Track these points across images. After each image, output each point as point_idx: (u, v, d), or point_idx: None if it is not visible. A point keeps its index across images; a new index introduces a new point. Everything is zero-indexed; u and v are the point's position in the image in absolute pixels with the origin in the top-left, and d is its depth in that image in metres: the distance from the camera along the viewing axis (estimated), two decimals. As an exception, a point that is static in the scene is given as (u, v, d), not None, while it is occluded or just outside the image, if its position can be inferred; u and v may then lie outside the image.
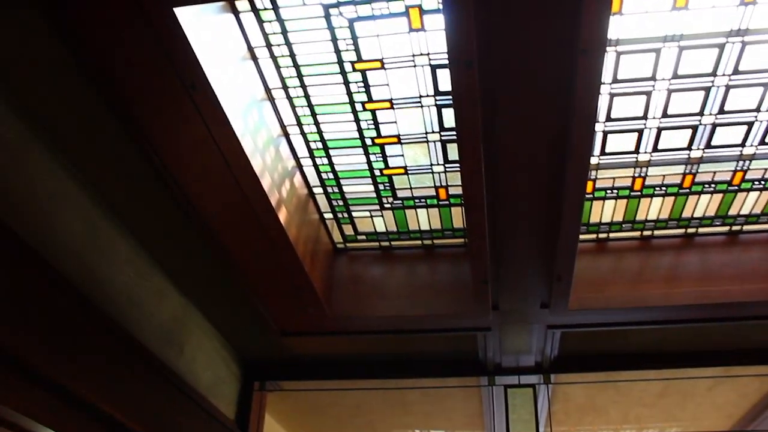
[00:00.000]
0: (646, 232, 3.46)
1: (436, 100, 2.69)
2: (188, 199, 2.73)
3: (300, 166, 3.08)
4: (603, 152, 2.95)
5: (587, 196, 3.18)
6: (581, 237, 3.44)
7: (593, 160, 2.97)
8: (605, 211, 3.33)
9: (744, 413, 4.62)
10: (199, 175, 2.64)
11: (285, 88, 2.69)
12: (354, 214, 3.37)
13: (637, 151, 2.96)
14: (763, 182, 3.18)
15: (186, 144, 2.51)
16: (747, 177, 3.15)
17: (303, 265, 3.08)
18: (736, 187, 3.20)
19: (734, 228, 3.47)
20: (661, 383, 4.29)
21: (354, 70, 2.59)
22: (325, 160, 3.04)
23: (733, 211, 3.36)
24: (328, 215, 3.38)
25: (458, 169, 2.88)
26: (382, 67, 2.57)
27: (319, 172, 3.12)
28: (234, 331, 3.85)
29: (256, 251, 3.04)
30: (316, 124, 2.86)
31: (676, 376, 4.05)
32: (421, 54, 2.50)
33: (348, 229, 3.50)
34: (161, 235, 2.99)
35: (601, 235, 3.47)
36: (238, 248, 3.03)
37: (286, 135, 2.92)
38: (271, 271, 3.17)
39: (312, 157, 3.03)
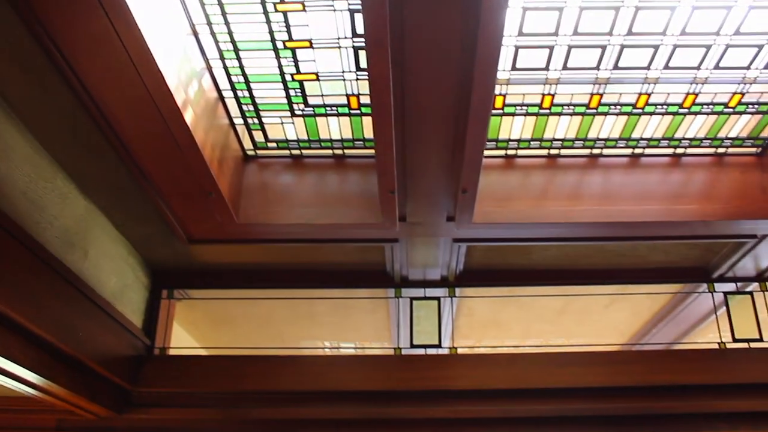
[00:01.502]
0: (553, 151, 3.54)
1: (349, 4, 2.64)
2: (91, 98, 2.63)
3: (209, 68, 3.00)
4: (514, 67, 2.97)
5: (497, 111, 3.21)
6: (490, 153, 3.50)
7: (504, 75, 3.00)
8: (514, 128, 3.38)
9: (636, 331, 4.85)
10: (102, 71, 2.53)
11: (193, -17, 2.60)
12: (264, 120, 3.32)
13: (547, 68, 3.00)
14: (665, 106, 3.27)
15: (87, 37, 2.40)
16: (651, 101, 3.24)
17: (210, 169, 3.03)
18: (640, 110, 3.29)
19: (636, 151, 3.58)
20: (562, 301, 4.44)
21: (265, -33, 2.52)
22: (236, 62, 2.97)
23: (636, 134, 3.47)
24: (238, 121, 3.32)
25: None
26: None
27: (228, 75, 3.05)
28: (141, 238, 3.79)
29: (161, 154, 2.97)
30: (227, 24, 2.77)
31: (576, 293, 4.21)
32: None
33: (258, 136, 3.45)
34: (63, 135, 2.88)
35: (510, 152, 3.53)
36: (144, 151, 2.96)
37: (195, 34, 2.83)
38: (177, 175, 3.12)
39: (222, 58, 2.96)
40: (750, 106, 3.30)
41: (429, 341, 3.99)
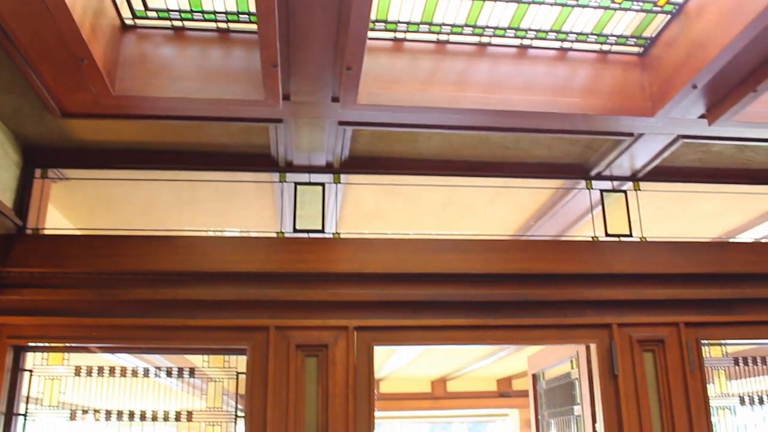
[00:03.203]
0: (442, 37, 3.51)
1: None
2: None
3: None
4: (404, -59, 2.90)
5: (386, -11, 3.15)
6: (378, 35, 3.44)
7: (393, -51, 2.92)
8: (403, 10, 3.32)
9: (518, 227, 4.99)
10: None
11: None
12: (143, -15, 3.15)
13: (438, -56, 2.94)
14: (554, -6, 3.28)
15: None
16: (541, -12, 3.24)
17: (81, 33, 2.85)
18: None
19: (524, 42, 3.60)
20: (446, 193, 4.51)
21: None
22: None
23: (524, 25, 3.47)
24: (115, -16, 3.14)
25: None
26: None
27: (102, -71, 2.86)
28: (9, 110, 3.57)
29: (27, 14, 2.76)
30: None
31: (461, 184, 4.27)
32: None
33: (137, 4, 3.27)
34: None
35: (398, 35, 3.48)
36: (8, 13, 2.74)
37: None
38: (45, 39, 2.91)
39: None
40: (635, 3, 3.35)
41: (312, 226, 3.99)
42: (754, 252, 4.39)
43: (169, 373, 3.94)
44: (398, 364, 11.63)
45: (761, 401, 4.29)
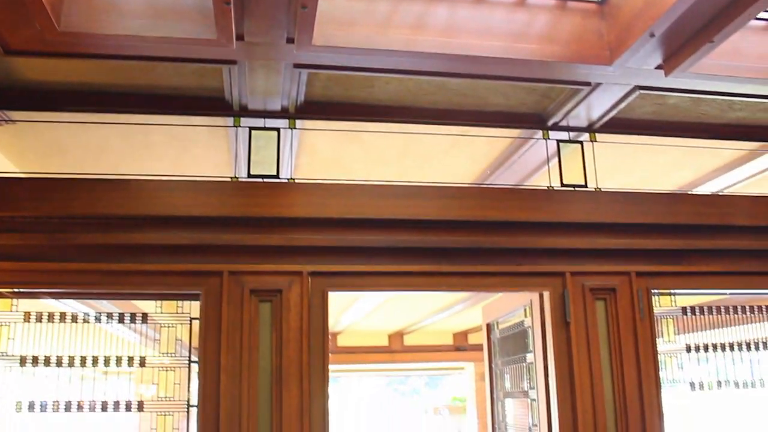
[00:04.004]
0: (400, -21, 3.46)
1: None
2: None
3: None
4: None
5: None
6: (336, -25, 3.38)
7: None
8: (361, -52, 3.26)
9: (475, 177, 5.01)
10: None
11: None
12: None
13: None
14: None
15: None
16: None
17: (23, -37, 2.75)
18: (489, -61, 3.25)
19: (484, -13, 3.57)
20: (403, 143, 4.49)
21: None
22: None
23: (484, -32, 3.44)
24: None
25: None
26: None
27: None
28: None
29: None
30: None
31: (418, 131, 4.24)
32: None
33: (84, -65, 3.16)
34: None
35: (356, -24, 3.42)
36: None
37: None
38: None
39: None
40: (595, -54, 3.34)
41: (267, 171, 3.94)
42: (706, 204, 4.45)
43: (121, 319, 3.89)
44: (355, 317, 11.70)
45: (706, 349, 4.39)
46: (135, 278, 3.78)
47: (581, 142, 4.44)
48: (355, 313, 11.19)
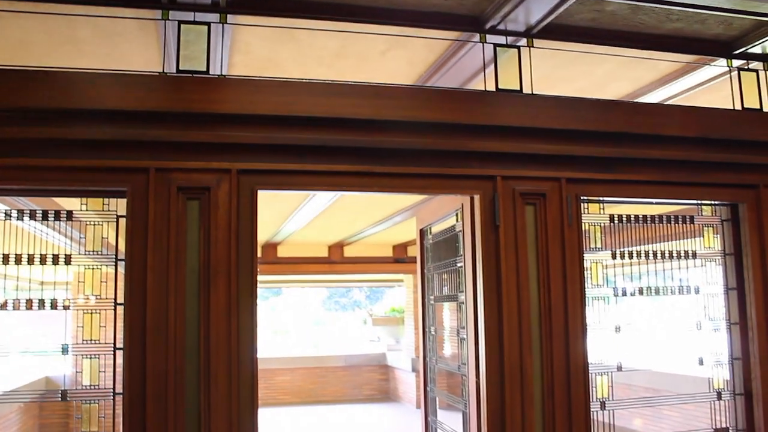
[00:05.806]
0: None
1: None
2: None
3: None
4: None
5: None
6: None
7: None
8: None
9: (412, 81, 4.96)
10: None
11: None
12: None
13: None
14: None
15: None
16: None
17: None
18: None
19: None
20: (339, 41, 4.38)
21: None
22: None
23: None
24: None
25: None
26: None
27: None
28: None
29: None
30: None
31: (355, 30, 4.13)
32: None
33: None
34: None
35: None
36: None
37: None
38: None
39: None
40: None
41: (197, 67, 3.81)
42: (639, 113, 4.50)
43: (45, 216, 3.80)
44: (295, 227, 11.68)
45: (630, 255, 4.51)
46: (59, 174, 3.65)
47: (519, 47, 4.39)
48: (295, 223, 11.17)
